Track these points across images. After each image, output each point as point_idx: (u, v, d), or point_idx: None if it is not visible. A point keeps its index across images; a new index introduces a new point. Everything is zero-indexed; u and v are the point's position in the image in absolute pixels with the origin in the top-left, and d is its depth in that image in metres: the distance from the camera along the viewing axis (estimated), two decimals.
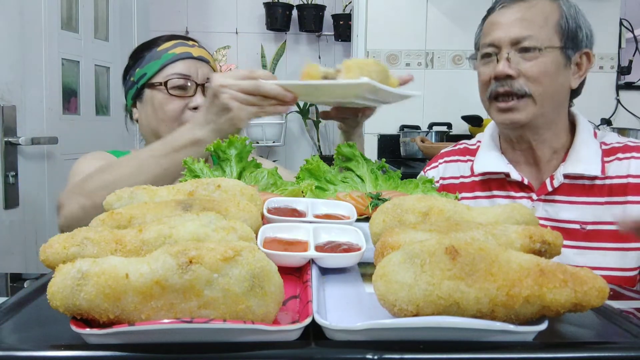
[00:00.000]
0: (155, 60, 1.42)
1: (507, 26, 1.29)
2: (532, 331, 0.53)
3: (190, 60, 1.43)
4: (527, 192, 1.35)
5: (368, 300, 0.64)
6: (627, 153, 1.32)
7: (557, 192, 1.32)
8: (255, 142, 3.69)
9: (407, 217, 0.74)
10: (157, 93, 1.40)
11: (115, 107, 2.71)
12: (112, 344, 0.50)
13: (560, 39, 1.28)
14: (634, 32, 3.07)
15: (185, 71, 1.41)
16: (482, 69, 1.36)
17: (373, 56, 3.07)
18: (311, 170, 1.10)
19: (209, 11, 3.87)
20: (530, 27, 1.27)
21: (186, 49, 1.44)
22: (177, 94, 1.39)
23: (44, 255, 0.61)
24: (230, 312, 0.52)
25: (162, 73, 1.41)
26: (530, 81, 1.27)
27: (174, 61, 1.41)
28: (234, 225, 0.65)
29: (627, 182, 1.28)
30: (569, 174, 1.31)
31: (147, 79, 1.42)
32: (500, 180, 1.39)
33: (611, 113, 3.10)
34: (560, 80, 1.30)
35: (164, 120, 1.39)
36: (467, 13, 3.04)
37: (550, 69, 1.27)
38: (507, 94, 1.29)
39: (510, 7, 1.31)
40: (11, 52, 1.97)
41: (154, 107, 1.41)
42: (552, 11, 1.29)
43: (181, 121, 1.38)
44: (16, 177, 2.00)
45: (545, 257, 0.64)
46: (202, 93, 1.41)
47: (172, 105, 1.39)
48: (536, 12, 1.28)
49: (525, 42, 1.27)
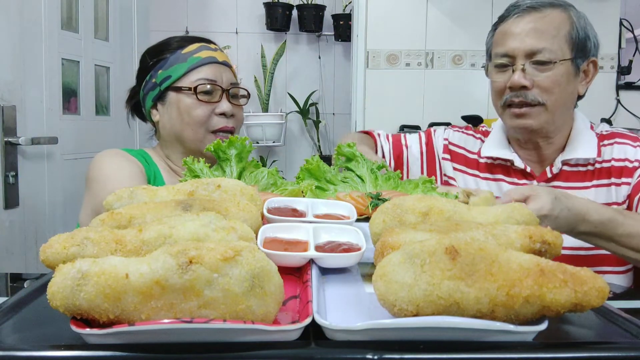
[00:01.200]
0: (181, 63, 1.41)
1: (521, 37, 1.33)
2: (532, 331, 0.53)
3: (216, 65, 1.43)
4: (529, 180, 1.44)
5: (368, 300, 0.63)
6: (611, 139, 1.42)
7: (557, 178, 1.42)
8: (255, 142, 3.69)
9: (407, 217, 0.74)
10: (184, 97, 1.40)
11: (115, 107, 2.71)
12: (112, 344, 0.50)
13: (571, 50, 1.33)
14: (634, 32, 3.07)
15: (211, 76, 1.41)
16: (496, 77, 1.39)
17: (373, 56, 3.07)
18: (311, 170, 1.10)
19: (209, 11, 3.87)
20: (543, 38, 1.31)
21: (211, 53, 1.44)
22: (205, 100, 1.40)
23: (44, 255, 0.61)
24: (230, 312, 0.52)
25: (189, 77, 1.40)
26: (543, 91, 1.33)
27: (200, 65, 1.41)
28: (234, 225, 0.65)
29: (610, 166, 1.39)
30: (567, 161, 1.40)
31: (172, 82, 1.41)
32: (506, 167, 1.48)
33: (611, 113, 3.10)
34: (570, 89, 1.36)
35: (189, 125, 1.39)
36: (467, 13, 3.04)
37: (562, 79, 1.33)
38: (521, 103, 1.35)
39: (523, 17, 1.34)
40: (11, 52, 1.97)
41: (180, 111, 1.40)
42: (563, 22, 1.33)
43: (207, 126, 1.40)
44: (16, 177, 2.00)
45: (545, 257, 0.64)
46: (227, 99, 1.42)
47: (200, 111, 1.39)
48: (548, 22, 1.32)
49: (540, 54, 1.31)
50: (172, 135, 1.44)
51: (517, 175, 1.45)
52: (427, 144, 1.63)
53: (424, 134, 1.66)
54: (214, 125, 1.40)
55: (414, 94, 3.09)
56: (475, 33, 3.03)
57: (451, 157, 1.58)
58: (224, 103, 1.41)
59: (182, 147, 1.44)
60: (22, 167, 2.04)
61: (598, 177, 1.39)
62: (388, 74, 3.08)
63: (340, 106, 3.97)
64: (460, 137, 1.60)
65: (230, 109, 1.42)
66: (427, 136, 1.64)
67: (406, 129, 3.01)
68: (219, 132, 1.41)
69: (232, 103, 1.44)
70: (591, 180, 1.39)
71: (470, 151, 1.56)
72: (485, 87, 3.10)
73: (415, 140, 1.64)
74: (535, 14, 1.34)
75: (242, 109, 1.49)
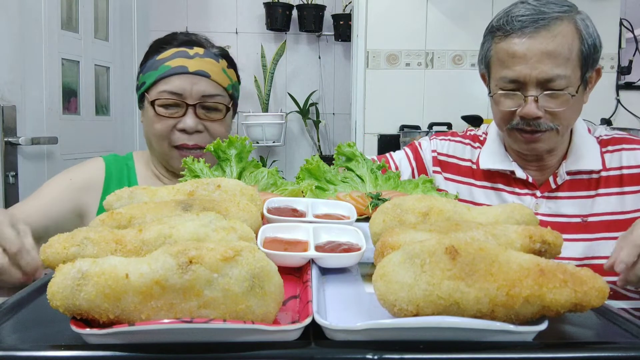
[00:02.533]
0: (153, 70, 1.34)
1: (532, 62, 1.22)
2: (532, 331, 0.52)
3: (185, 76, 1.31)
4: (531, 189, 1.39)
5: (368, 300, 0.63)
6: (616, 145, 1.37)
7: (560, 189, 1.36)
8: (255, 142, 3.69)
9: (407, 217, 0.74)
10: (149, 108, 1.33)
11: (115, 107, 2.71)
12: (112, 344, 0.50)
13: (581, 67, 1.26)
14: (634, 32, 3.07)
15: (176, 89, 1.30)
16: (504, 103, 1.29)
17: (373, 56, 3.07)
18: (311, 170, 1.10)
19: (209, 11, 3.87)
20: (556, 63, 1.22)
21: (183, 62, 1.32)
22: (166, 114, 1.30)
23: (44, 255, 0.61)
24: (230, 312, 0.52)
25: (156, 87, 1.32)
26: (555, 118, 1.26)
27: (168, 75, 1.32)
28: (234, 225, 0.65)
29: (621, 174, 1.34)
30: (571, 171, 1.35)
31: (145, 89, 1.35)
32: (506, 176, 1.42)
33: (611, 113, 3.10)
34: (580, 105, 1.31)
35: (154, 136, 1.33)
36: (467, 13, 3.04)
37: (573, 102, 1.26)
38: (532, 131, 1.28)
39: (532, 38, 1.23)
40: (11, 52, 1.97)
41: (146, 120, 1.36)
42: (573, 38, 1.24)
43: (170, 141, 1.32)
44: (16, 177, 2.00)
45: (545, 257, 0.64)
46: (194, 113, 1.31)
47: (159, 125, 1.31)
48: (560, 43, 1.22)
49: (554, 82, 1.22)
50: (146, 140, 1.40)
51: (518, 185, 1.39)
52: (415, 159, 1.54)
53: (409, 149, 1.57)
54: (175, 141, 1.32)
55: (414, 94, 3.09)
56: (475, 33, 3.03)
57: (441, 168, 1.51)
58: (188, 119, 1.30)
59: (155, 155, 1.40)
60: (22, 167, 2.04)
61: (605, 186, 1.33)
62: (388, 74, 3.08)
63: (340, 106, 3.97)
64: (449, 145, 1.52)
65: (194, 125, 1.30)
66: (414, 151, 1.56)
67: (406, 129, 3.02)
68: (182, 149, 1.31)
69: (203, 117, 1.32)
70: (596, 189, 1.34)
71: (462, 159, 1.49)
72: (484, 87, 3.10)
73: (404, 158, 1.56)
74: (545, 34, 1.22)
75: (220, 123, 1.36)
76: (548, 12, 1.24)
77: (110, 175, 1.38)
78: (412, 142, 1.61)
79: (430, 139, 1.57)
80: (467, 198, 1.46)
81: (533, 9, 1.25)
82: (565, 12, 1.25)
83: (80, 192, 1.33)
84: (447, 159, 1.51)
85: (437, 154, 1.52)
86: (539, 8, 1.25)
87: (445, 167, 1.50)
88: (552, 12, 1.24)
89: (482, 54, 1.37)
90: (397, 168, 1.53)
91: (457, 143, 1.52)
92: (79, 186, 1.33)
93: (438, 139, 1.56)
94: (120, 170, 1.40)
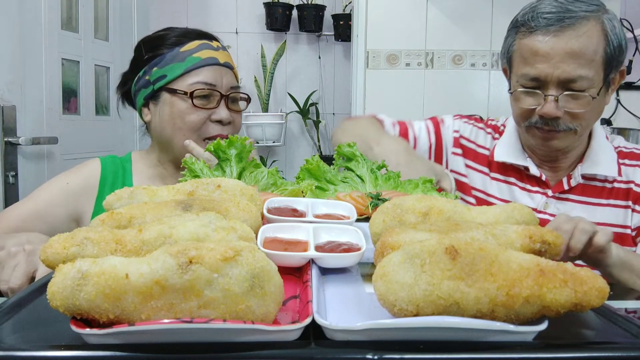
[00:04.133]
0: (178, 62, 1.31)
1: (555, 61, 1.19)
2: (532, 331, 0.52)
3: (216, 68, 1.33)
4: (542, 188, 1.37)
5: (368, 300, 0.63)
6: (634, 160, 1.35)
7: (572, 191, 1.35)
8: (255, 142, 3.69)
9: (407, 217, 0.74)
10: (178, 100, 1.30)
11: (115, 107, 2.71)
12: (112, 344, 0.50)
13: (604, 69, 1.22)
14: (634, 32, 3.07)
15: (210, 80, 1.31)
16: (524, 101, 1.27)
17: (373, 56, 3.07)
18: (311, 170, 1.10)
19: (209, 11, 3.87)
20: (580, 64, 1.19)
21: (212, 53, 1.33)
22: (201, 105, 1.30)
23: (44, 255, 0.61)
24: (230, 312, 0.52)
25: (186, 79, 1.30)
26: (574, 119, 1.24)
27: (199, 67, 1.31)
28: (234, 225, 0.65)
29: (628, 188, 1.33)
30: (586, 175, 1.33)
31: (167, 82, 1.31)
32: (520, 172, 1.40)
33: (611, 113, 3.10)
34: (601, 108, 1.28)
35: (181, 130, 1.30)
36: (467, 13, 3.04)
37: (595, 104, 1.23)
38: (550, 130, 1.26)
39: (557, 36, 1.19)
40: (11, 52, 1.96)
41: (173, 114, 1.31)
42: (599, 39, 1.20)
43: (201, 133, 1.31)
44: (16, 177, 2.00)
45: (545, 257, 0.64)
46: (225, 105, 1.33)
47: (195, 116, 1.30)
48: (585, 43, 1.19)
49: (576, 83, 1.20)
50: (162, 138, 1.36)
51: (530, 182, 1.38)
52: (436, 134, 1.49)
53: (431, 122, 1.52)
54: (209, 133, 1.32)
55: (414, 94, 3.09)
56: (475, 33, 3.04)
57: (463, 152, 1.47)
58: (222, 110, 1.32)
59: (169, 151, 1.37)
60: (22, 167, 2.04)
61: (615, 197, 1.33)
62: (388, 74, 3.08)
63: (340, 106, 3.97)
64: (472, 130, 1.49)
65: (228, 117, 1.33)
66: (435, 126, 1.51)
67: None
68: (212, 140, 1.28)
69: (231, 109, 1.35)
70: (607, 198, 1.33)
71: (481, 146, 1.46)
72: (485, 87, 3.10)
73: (423, 130, 1.51)
74: (571, 33, 1.19)
75: (240, 115, 1.40)
76: (575, 11, 1.20)
77: (106, 178, 1.36)
78: (433, 117, 1.55)
79: (454, 119, 1.52)
80: (479, 187, 1.43)
81: (560, 6, 1.22)
82: (592, 12, 1.21)
83: (76, 197, 1.32)
84: (468, 143, 1.48)
85: (460, 136, 1.48)
86: (566, 6, 1.21)
87: (466, 152, 1.47)
88: (579, 10, 1.20)
89: (505, 48, 1.34)
90: (416, 138, 1.49)
91: (479, 129, 1.49)
92: (75, 191, 1.32)
93: (462, 120, 1.52)
94: (115, 174, 1.38)
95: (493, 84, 3.05)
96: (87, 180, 1.35)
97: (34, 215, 1.25)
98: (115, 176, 1.38)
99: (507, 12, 2.99)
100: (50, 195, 1.30)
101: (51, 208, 1.28)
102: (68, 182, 1.33)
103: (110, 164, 1.39)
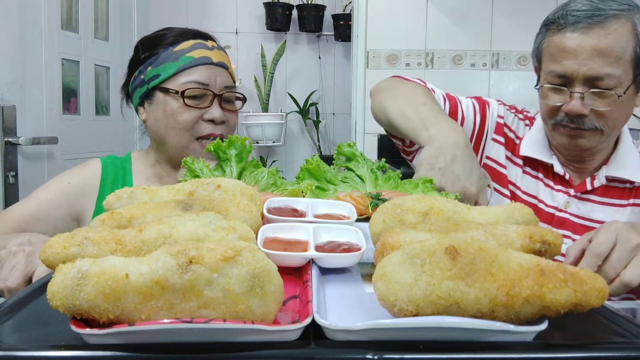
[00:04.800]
0: (171, 62, 1.31)
1: (582, 58, 1.19)
2: (532, 331, 0.52)
3: (210, 67, 1.33)
4: (565, 187, 1.37)
5: (368, 300, 0.63)
6: None
7: (594, 192, 1.34)
8: (255, 142, 3.69)
9: (407, 217, 0.74)
10: (170, 100, 1.31)
11: (115, 107, 2.71)
12: (112, 344, 0.50)
13: (633, 69, 1.21)
14: None
15: (203, 79, 1.31)
16: (550, 98, 1.27)
17: (373, 56, 3.07)
18: (311, 170, 1.10)
19: (209, 11, 3.87)
20: (607, 62, 1.18)
21: (205, 53, 1.33)
22: (193, 104, 1.30)
23: (44, 255, 0.61)
24: (230, 312, 0.52)
25: (178, 78, 1.30)
26: (600, 118, 1.23)
27: (192, 66, 1.31)
28: (234, 225, 0.65)
29: None
30: (612, 177, 1.33)
31: (160, 82, 1.32)
32: (546, 166, 1.39)
33: None
34: (629, 109, 1.27)
35: (174, 129, 1.30)
36: (467, 13, 3.04)
37: (621, 104, 1.22)
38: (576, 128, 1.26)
39: (585, 33, 1.19)
40: (11, 52, 1.97)
41: (166, 113, 1.31)
42: (629, 37, 1.19)
43: (193, 132, 1.31)
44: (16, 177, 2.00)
45: (545, 257, 0.64)
46: (218, 104, 1.32)
47: (187, 115, 1.30)
48: (613, 41, 1.18)
49: (603, 81, 1.19)
50: (157, 137, 1.36)
51: (554, 179, 1.38)
52: (481, 115, 1.45)
53: (477, 102, 1.47)
54: (201, 132, 1.31)
55: None
56: (475, 33, 3.03)
57: (505, 141, 1.44)
58: (215, 109, 1.31)
59: (164, 151, 1.37)
60: (22, 167, 2.04)
61: (635, 196, 1.33)
62: (388, 74, 3.07)
63: (340, 106, 3.98)
64: (514, 120, 1.47)
65: (221, 116, 1.32)
66: (482, 106, 1.47)
67: None
68: (205, 141, 1.31)
69: (225, 108, 1.34)
70: (628, 199, 1.33)
71: (520, 137, 1.45)
72: (485, 87, 3.10)
73: (470, 109, 1.46)
74: (599, 30, 1.18)
75: (236, 114, 1.39)
76: (605, 9, 1.20)
77: (106, 179, 1.36)
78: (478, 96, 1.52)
79: (498, 102, 1.50)
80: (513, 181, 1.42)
81: (590, 4, 1.21)
82: (623, 10, 1.21)
83: (77, 197, 1.32)
84: (510, 133, 1.46)
85: (504, 124, 1.46)
86: (596, 4, 1.21)
87: (508, 142, 1.44)
88: (609, 9, 1.20)
89: (535, 46, 1.34)
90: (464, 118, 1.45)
91: (520, 120, 1.47)
92: (75, 191, 1.32)
93: (505, 107, 1.49)
94: (115, 174, 1.38)
95: (493, 84, 3.05)
96: (88, 180, 1.35)
97: (35, 215, 1.25)
98: (116, 176, 1.38)
99: (507, 12, 2.99)
100: (51, 195, 1.30)
101: (52, 208, 1.28)
102: (69, 182, 1.33)
103: (110, 164, 1.40)
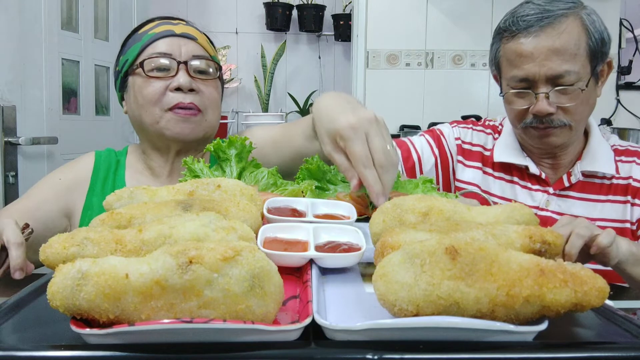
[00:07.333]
0: (137, 43, 1.29)
1: (540, 59, 1.24)
2: (532, 331, 0.52)
3: (172, 38, 1.29)
4: (543, 186, 1.39)
5: (368, 300, 0.63)
6: (630, 157, 1.38)
7: (572, 188, 1.37)
8: None
9: (407, 217, 0.74)
10: (136, 78, 1.27)
11: (115, 107, 2.71)
12: (112, 344, 0.50)
13: (590, 61, 1.26)
14: (634, 32, 3.07)
15: (164, 49, 1.26)
16: (516, 103, 1.31)
17: (373, 56, 3.07)
18: (311, 170, 1.10)
19: (209, 11, 3.87)
20: (564, 59, 1.23)
21: (168, 27, 1.31)
22: (156, 75, 1.25)
23: (44, 255, 0.61)
24: (230, 312, 0.52)
25: (142, 55, 1.27)
26: (568, 113, 1.27)
27: (154, 41, 1.28)
28: (234, 225, 0.65)
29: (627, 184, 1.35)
30: (586, 172, 1.36)
31: (129, 66, 1.29)
32: (521, 170, 1.42)
33: (611, 113, 3.10)
34: (592, 100, 1.31)
35: (143, 106, 1.25)
36: (467, 13, 3.04)
37: (586, 97, 1.26)
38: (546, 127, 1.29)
39: (538, 36, 1.24)
40: (11, 52, 1.97)
41: (135, 93, 1.27)
42: (580, 33, 1.24)
43: (162, 105, 1.24)
44: (16, 177, 2.00)
45: (545, 257, 0.64)
46: (186, 71, 1.25)
47: (151, 88, 1.24)
48: (566, 39, 1.23)
49: (564, 79, 1.23)
50: (135, 122, 1.33)
51: (531, 180, 1.40)
52: (438, 147, 1.50)
53: (430, 136, 1.53)
54: (169, 103, 1.24)
55: (414, 94, 3.09)
56: (475, 33, 3.04)
57: (464, 156, 1.49)
58: (180, 76, 1.24)
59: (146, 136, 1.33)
60: (22, 167, 2.04)
61: (614, 193, 1.35)
62: (388, 74, 3.08)
63: None
64: (473, 134, 1.51)
65: (188, 83, 1.24)
66: (436, 139, 1.52)
67: (406, 129, 3.01)
68: (176, 110, 1.24)
69: (194, 77, 1.27)
70: (607, 195, 1.35)
71: (485, 148, 1.48)
72: (485, 87, 3.10)
73: (425, 146, 1.51)
74: (551, 31, 1.23)
75: (212, 85, 1.30)
76: (553, 10, 1.25)
77: (98, 172, 1.34)
78: (431, 129, 1.56)
79: (452, 127, 1.54)
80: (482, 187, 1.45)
81: (538, 7, 1.26)
82: (570, 9, 1.26)
83: (68, 192, 1.30)
84: (471, 147, 1.49)
85: (462, 142, 1.50)
86: (544, 7, 1.26)
87: (468, 155, 1.48)
88: (557, 9, 1.25)
89: (492, 55, 1.38)
90: (420, 157, 1.49)
91: (480, 132, 1.51)
92: (67, 185, 1.30)
93: (460, 126, 1.53)
94: (108, 166, 1.36)
95: (493, 84, 3.04)
96: (79, 174, 1.33)
97: (27, 213, 1.23)
98: (108, 169, 1.36)
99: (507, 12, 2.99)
100: (42, 191, 1.29)
101: (42, 204, 1.26)
102: (60, 178, 1.32)
103: (104, 157, 1.38)
